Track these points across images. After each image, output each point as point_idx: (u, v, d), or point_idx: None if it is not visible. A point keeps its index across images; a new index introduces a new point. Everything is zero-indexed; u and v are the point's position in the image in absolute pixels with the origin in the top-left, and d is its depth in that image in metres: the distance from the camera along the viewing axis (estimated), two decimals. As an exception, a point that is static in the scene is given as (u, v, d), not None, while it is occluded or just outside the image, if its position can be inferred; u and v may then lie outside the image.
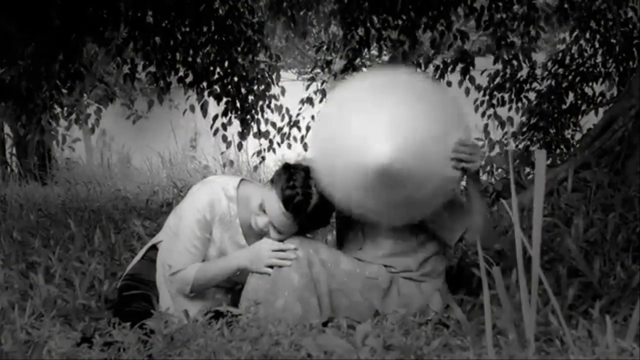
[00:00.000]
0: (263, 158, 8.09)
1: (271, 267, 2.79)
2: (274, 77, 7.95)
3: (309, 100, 7.88)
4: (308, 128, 7.88)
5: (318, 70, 7.95)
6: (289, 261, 2.77)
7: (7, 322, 2.65)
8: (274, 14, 7.34)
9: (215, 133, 7.74)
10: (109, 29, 6.85)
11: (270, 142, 8.02)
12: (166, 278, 2.95)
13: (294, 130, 8.01)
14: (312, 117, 7.88)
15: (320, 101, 7.88)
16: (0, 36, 6.43)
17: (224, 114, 7.65)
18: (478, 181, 2.77)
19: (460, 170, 2.69)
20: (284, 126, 7.97)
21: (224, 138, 7.78)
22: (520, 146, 7.03)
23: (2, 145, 11.39)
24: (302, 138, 7.91)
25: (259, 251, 2.83)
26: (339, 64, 7.54)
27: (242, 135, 7.75)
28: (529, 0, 6.97)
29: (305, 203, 2.78)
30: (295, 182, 2.78)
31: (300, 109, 7.91)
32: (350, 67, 7.31)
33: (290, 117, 7.96)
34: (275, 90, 8.08)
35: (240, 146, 7.86)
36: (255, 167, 8.37)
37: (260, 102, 7.82)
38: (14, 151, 11.24)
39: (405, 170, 2.50)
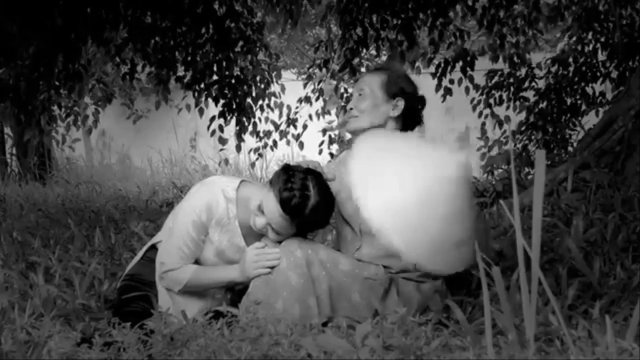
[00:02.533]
0: (260, 155, 8.11)
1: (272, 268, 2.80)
2: (273, 75, 7.97)
3: (307, 99, 7.90)
4: (305, 126, 7.91)
5: (315, 68, 7.96)
6: (277, 261, 2.78)
7: (7, 322, 2.65)
8: (271, 7, 7.36)
9: (212, 134, 7.75)
10: (108, 28, 6.85)
11: (262, 139, 8.05)
12: (158, 274, 2.96)
13: (291, 128, 8.03)
14: (309, 116, 7.94)
15: (317, 99, 7.90)
16: (1, 36, 6.43)
17: (221, 115, 7.66)
18: None
19: None
20: (281, 124, 7.99)
21: (221, 140, 7.80)
22: (519, 146, 7.04)
23: (2, 145, 11.38)
24: (299, 136, 7.95)
25: (244, 264, 2.85)
26: (336, 63, 7.55)
27: (239, 137, 7.76)
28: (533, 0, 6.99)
29: (302, 205, 2.77)
30: (293, 184, 2.78)
31: (297, 107, 7.94)
32: (348, 67, 7.32)
33: (288, 115, 7.98)
34: (275, 88, 8.10)
35: (238, 148, 7.87)
36: (253, 164, 8.38)
37: (261, 101, 7.84)
38: (14, 151, 11.23)
39: None
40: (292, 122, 7.97)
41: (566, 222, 3.97)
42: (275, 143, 8.08)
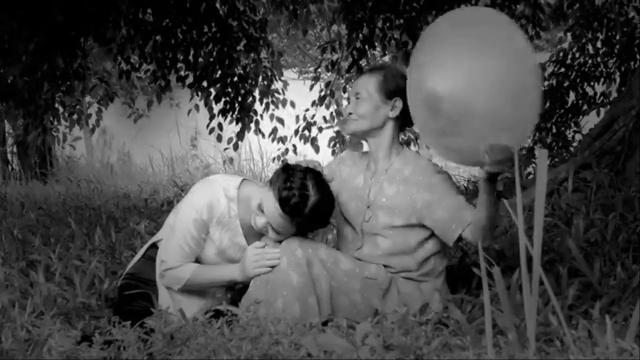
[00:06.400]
0: (284, 162, 8.08)
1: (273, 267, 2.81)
2: (275, 72, 7.97)
3: (322, 101, 7.87)
4: (320, 129, 7.89)
5: (322, 70, 7.94)
6: (277, 261, 2.78)
7: (7, 320, 2.65)
8: (275, 7, 7.36)
9: (211, 132, 7.76)
10: (110, 28, 6.84)
11: (282, 141, 8.04)
12: (159, 272, 2.96)
13: (305, 132, 8.01)
14: (324, 119, 7.92)
15: (325, 99, 7.89)
16: (1, 33, 6.42)
17: (222, 113, 7.66)
18: (494, 182, 2.71)
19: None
20: (298, 127, 7.97)
21: (219, 138, 7.81)
22: (525, 147, 7.02)
23: (3, 144, 11.39)
24: (313, 140, 7.93)
25: (244, 263, 2.85)
26: (343, 63, 7.55)
27: (240, 135, 7.77)
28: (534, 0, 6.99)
29: (302, 204, 2.77)
30: (292, 183, 2.78)
31: (307, 110, 7.90)
32: (355, 67, 7.31)
33: (305, 118, 7.95)
34: (278, 85, 8.09)
35: (236, 146, 7.87)
36: None
37: (265, 100, 7.84)
38: (15, 149, 11.24)
39: None
40: (308, 125, 7.93)
41: (567, 222, 3.98)
42: (294, 147, 8.07)
